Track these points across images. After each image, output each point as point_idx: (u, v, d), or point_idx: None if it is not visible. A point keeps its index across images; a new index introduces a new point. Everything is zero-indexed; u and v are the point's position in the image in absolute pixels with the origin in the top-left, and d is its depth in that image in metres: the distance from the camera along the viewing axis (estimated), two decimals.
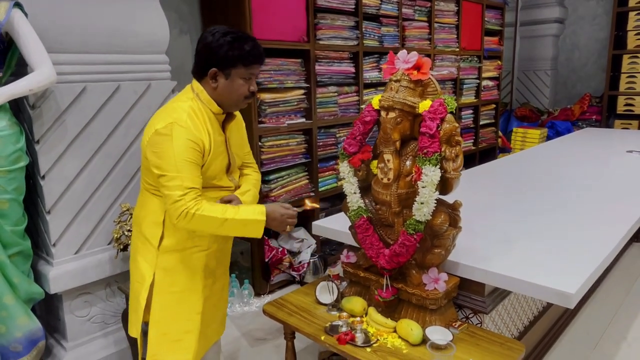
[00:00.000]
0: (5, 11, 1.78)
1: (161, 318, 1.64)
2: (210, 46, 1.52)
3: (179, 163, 1.45)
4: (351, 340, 1.63)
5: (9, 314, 1.95)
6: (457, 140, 1.57)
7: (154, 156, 1.49)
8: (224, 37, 1.51)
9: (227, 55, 1.51)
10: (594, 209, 2.33)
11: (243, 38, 1.54)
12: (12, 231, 1.93)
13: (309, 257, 3.25)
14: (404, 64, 1.62)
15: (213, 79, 1.55)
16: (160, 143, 1.48)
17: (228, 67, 1.53)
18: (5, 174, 1.87)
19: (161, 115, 1.55)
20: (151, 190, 1.62)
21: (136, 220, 1.71)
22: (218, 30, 1.53)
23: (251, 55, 1.53)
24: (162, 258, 1.62)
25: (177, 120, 1.48)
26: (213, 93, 1.57)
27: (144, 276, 1.63)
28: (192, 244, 1.63)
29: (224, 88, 1.55)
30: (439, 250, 1.64)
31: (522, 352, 1.56)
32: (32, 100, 1.96)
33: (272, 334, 2.64)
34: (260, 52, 1.57)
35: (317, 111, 3.30)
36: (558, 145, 4.20)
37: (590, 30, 6.43)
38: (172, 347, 1.65)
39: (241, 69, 1.54)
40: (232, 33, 1.53)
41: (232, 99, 1.58)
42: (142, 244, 1.65)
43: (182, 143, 1.46)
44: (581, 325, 2.65)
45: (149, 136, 1.52)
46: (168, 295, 1.63)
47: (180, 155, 1.46)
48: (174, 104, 1.58)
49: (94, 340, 2.26)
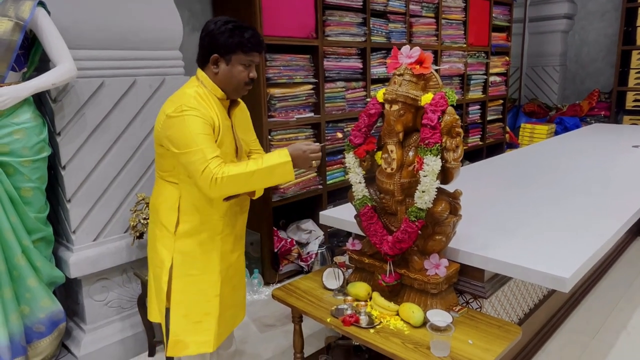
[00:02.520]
0: (30, 10, 1.88)
1: (181, 300, 1.71)
2: (213, 33, 1.61)
3: (196, 138, 1.53)
4: (355, 322, 1.71)
5: (32, 295, 2.06)
6: (458, 131, 1.64)
7: (170, 138, 1.57)
8: (225, 25, 1.60)
9: (228, 42, 1.59)
10: (595, 201, 2.39)
11: (243, 27, 1.62)
12: (36, 218, 2.04)
13: (316, 248, 3.34)
14: (407, 58, 1.69)
15: (214, 64, 1.63)
16: (174, 125, 1.56)
17: (229, 53, 1.61)
18: (30, 164, 1.98)
19: (170, 102, 1.64)
20: (165, 177, 1.70)
21: (153, 209, 1.79)
22: (220, 19, 1.63)
23: (250, 42, 1.61)
24: (179, 243, 1.69)
25: (185, 102, 1.57)
26: (215, 78, 1.65)
27: (164, 261, 1.70)
28: (206, 227, 1.70)
29: (224, 73, 1.64)
30: (439, 237, 1.72)
31: (519, 334, 1.63)
32: (53, 94, 2.06)
33: (280, 321, 2.73)
34: (259, 41, 1.64)
35: (325, 106, 3.38)
36: (564, 140, 4.23)
37: (599, 26, 6.42)
38: (193, 328, 1.72)
39: (241, 55, 1.62)
40: (233, 22, 1.62)
41: (232, 84, 1.66)
42: (160, 230, 1.73)
43: (194, 120, 1.55)
44: (582, 315, 2.71)
45: (161, 123, 1.61)
46: (187, 277, 1.70)
47: (195, 130, 1.54)
48: (181, 91, 1.66)
49: (111, 323, 2.37)
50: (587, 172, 2.99)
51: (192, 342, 1.72)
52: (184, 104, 1.56)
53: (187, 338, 1.72)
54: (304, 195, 3.35)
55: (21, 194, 1.99)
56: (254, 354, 2.45)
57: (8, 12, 1.85)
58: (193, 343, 1.72)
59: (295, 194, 3.29)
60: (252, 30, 1.64)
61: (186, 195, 1.68)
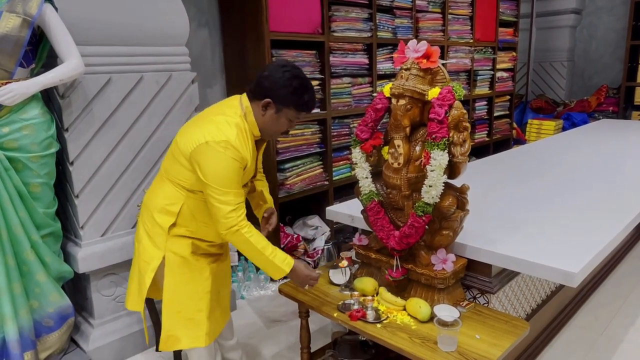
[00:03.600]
0: (37, 6, 1.89)
1: (174, 297, 1.75)
2: (277, 81, 1.63)
3: (230, 180, 1.59)
4: (362, 317, 1.71)
5: (41, 290, 2.08)
6: (465, 126, 1.63)
7: (201, 166, 1.59)
8: (291, 80, 1.62)
9: (287, 97, 1.63)
10: (603, 197, 2.37)
11: (306, 88, 1.67)
12: (44, 213, 2.06)
13: (323, 244, 3.34)
14: (413, 52, 1.68)
15: (264, 107, 1.66)
16: (210, 156, 1.57)
17: (282, 106, 1.65)
18: (38, 159, 1.99)
19: (211, 125, 1.61)
20: (174, 180, 1.71)
21: (149, 205, 1.78)
22: (289, 70, 1.64)
23: (306, 105, 1.69)
24: (172, 241, 1.73)
25: (229, 139, 1.58)
26: (259, 118, 1.68)
27: (152, 258, 1.74)
28: (199, 234, 1.76)
29: (269, 119, 1.68)
30: (447, 232, 1.72)
31: (527, 329, 1.62)
32: (61, 90, 2.07)
33: (287, 316, 2.74)
34: (314, 103, 1.73)
35: (331, 102, 3.37)
36: (572, 136, 4.20)
37: (608, 21, 6.36)
38: (186, 325, 1.76)
39: (292, 111, 1.67)
40: (300, 79, 1.65)
41: (271, 130, 1.71)
42: (152, 226, 1.75)
43: (232, 163, 1.59)
44: (590, 311, 2.69)
45: (195, 142, 1.59)
46: (179, 276, 1.74)
47: (232, 172, 1.59)
48: (224, 117, 1.64)
49: (119, 318, 2.39)
50: (595, 167, 2.97)
51: (185, 337, 1.77)
52: (228, 140, 1.57)
53: (180, 333, 1.77)
54: (310, 191, 3.35)
55: (30, 190, 2.01)
56: (260, 349, 2.46)
57: (16, 9, 1.86)
58: (186, 337, 1.77)
59: (302, 190, 3.29)
60: (312, 94, 1.70)
61: (189, 204, 1.72)
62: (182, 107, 2.45)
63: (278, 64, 1.68)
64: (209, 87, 3.24)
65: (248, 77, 3.10)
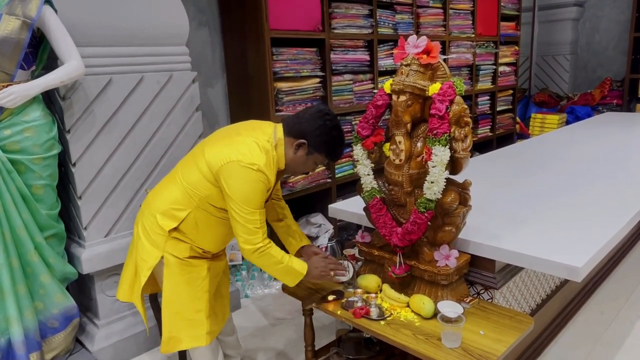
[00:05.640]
0: (37, 8, 1.89)
1: (173, 299, 1.75)
2: (319, 128, 1.68)
3: (257, 200, 1.63)
4: (366, 315, 1.71)
5: (46, 291, 2.09)
6: (466, 121, 1.62)
7: (229, 183, 1.61)
8: (331, 130, 1.69)
9: (323, 144, 1.70)
10: (607, 190, 2.35)
11: (342, 140, 1.75)
12: (48, 215, 2.07)
13: (326, 242, 3.34)
14: (413, 48, 1.67)
15: (298, 146, 1.70)
16: (243, 177, 1.60)
17: (315, 150, 1.70)
18: (40, 161, 2.00)
19: (244, 147, 1.63)
20: (189, 188, 1.70)
21: (151, 203, 1.78)
22: (331, 120, 1.70)
23: (336, 156, 1.79)
24: (171, 243, 1.73)
25: (260, 164, 1.61)
26: (289, 154, 1.72)
27: (150, 256, 1.74)
28: (199, 242, 1.78)
29: (299, 158, 1.72)
30: (449, 228, 1.71)
31: (531, 325, 1.61)
32: (62, 91, 2.08)
33: (291, 314, 2.74)
34: (341, 154, 1.82)
35: (332, 99, 3.37)
36: (576, 130, 4.18)
37: (611, 13, 6.31)
38: (186, 325, 1.77)
39: (322, 157, 1.74)
40: (338, 130, 1.72)
41: (297, 168, 1.79)
42: (153, 226, 1.74)
43: (261, 186, 1.63)
44: (595, 306, 2.68)
45: (227, 160, 1.60)
46: (177, 277, 1.75)
47: (257, 193, 1.63)
48: (258, 141, 1.66)
49: (124, 318, 2.40)
50: (599, 161, 2.95)
51: (186, 337, 1.78)
52: (259, 164, 1.61)
53: (181, 334, 1.77)
54: (313, 189, 3.35)
55: (32, 192, 2.01)
56: (265, 347, 2.46)
57: (15, 11, 1.86)
58: (187, 338, 1.78)
59: (305, 188, 3.29)
60: (344, 144, 1.78)
61: (196, 213, 1.72)
62: (183, 107, 2.45)
63: (321, 109, 1.72)
64: (209, 86, 3.24)
65: (249, 75, 3.10)
